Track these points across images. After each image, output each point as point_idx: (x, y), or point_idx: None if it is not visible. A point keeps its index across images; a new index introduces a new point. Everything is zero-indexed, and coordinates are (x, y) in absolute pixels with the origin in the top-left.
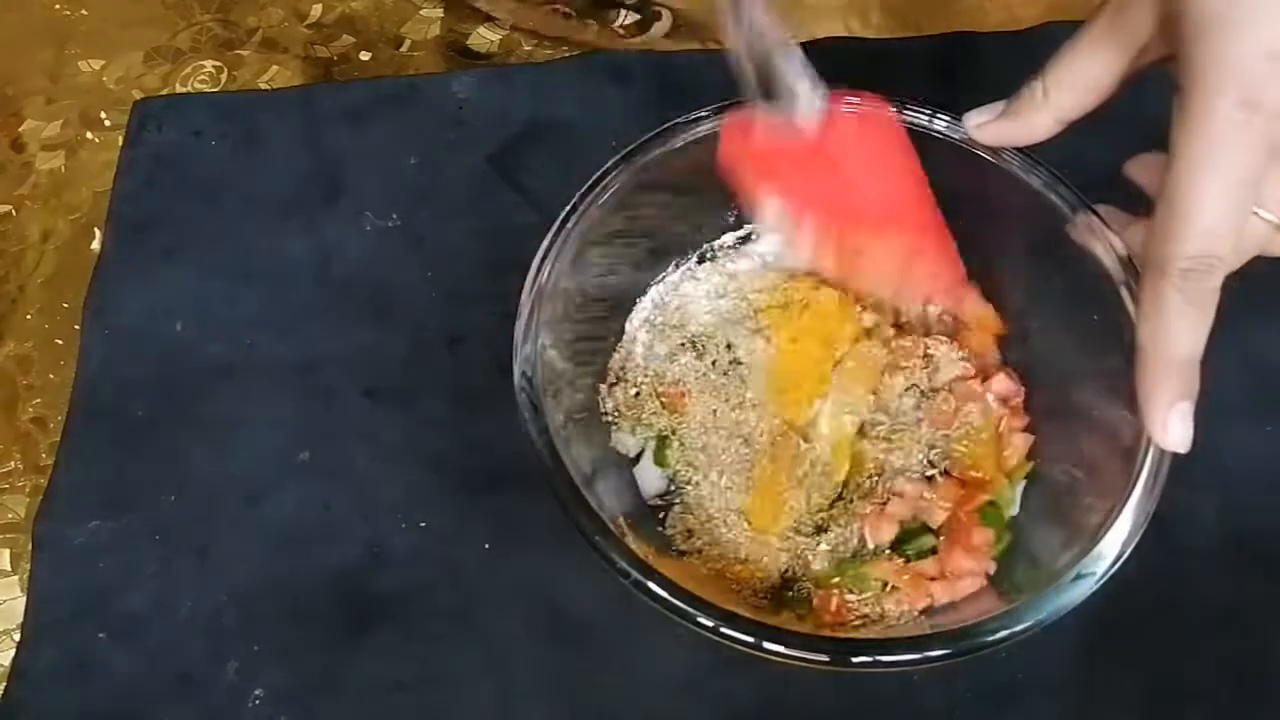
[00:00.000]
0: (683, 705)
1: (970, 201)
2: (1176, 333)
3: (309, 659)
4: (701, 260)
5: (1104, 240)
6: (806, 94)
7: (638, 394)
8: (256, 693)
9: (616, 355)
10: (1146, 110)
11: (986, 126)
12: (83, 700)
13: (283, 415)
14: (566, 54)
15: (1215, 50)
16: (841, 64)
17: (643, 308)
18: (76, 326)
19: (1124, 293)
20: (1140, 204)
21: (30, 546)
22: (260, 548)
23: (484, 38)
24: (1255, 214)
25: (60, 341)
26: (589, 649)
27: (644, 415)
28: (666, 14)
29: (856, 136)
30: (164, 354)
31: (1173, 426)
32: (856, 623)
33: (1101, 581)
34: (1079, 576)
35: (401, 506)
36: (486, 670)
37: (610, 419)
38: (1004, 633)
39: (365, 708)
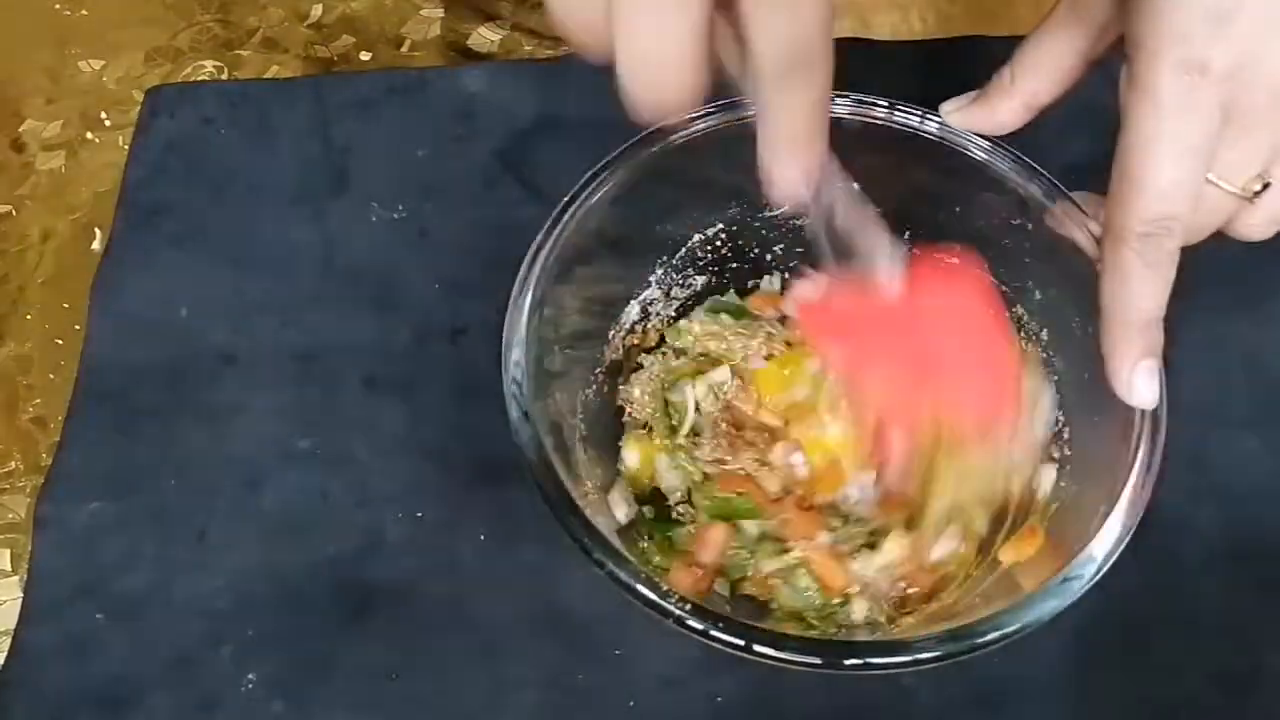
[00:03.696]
0: (673, 701)
1: (960, 202)
2: (1138, 295)
3: (303, 645)
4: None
5: (1082, 227)
6: (885, 259)
7: None
8: (250, 677)
9: (610, 348)
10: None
11: (959, 114)
12: (79, 680)
13: (284, 403)
14: (568, 53)
15: (1157, 15)
16: (846, 65)
17: (640, 302)
18: (77, 327)
19: None
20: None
21: (31, 527)
22: (258, 533)
23: (484, 38)
24: (1214, 185)
25: (60, 341)
26: (581, 642)
27: None
28: None
29: (937, 298)
30: (168, 339)
31: (1138, 384)
32: None
33: (1090, 584)
34: (1067, 579)
35: (399, 496)
36: (478, 660)
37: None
38: (994, 634)
39: (357, 695)
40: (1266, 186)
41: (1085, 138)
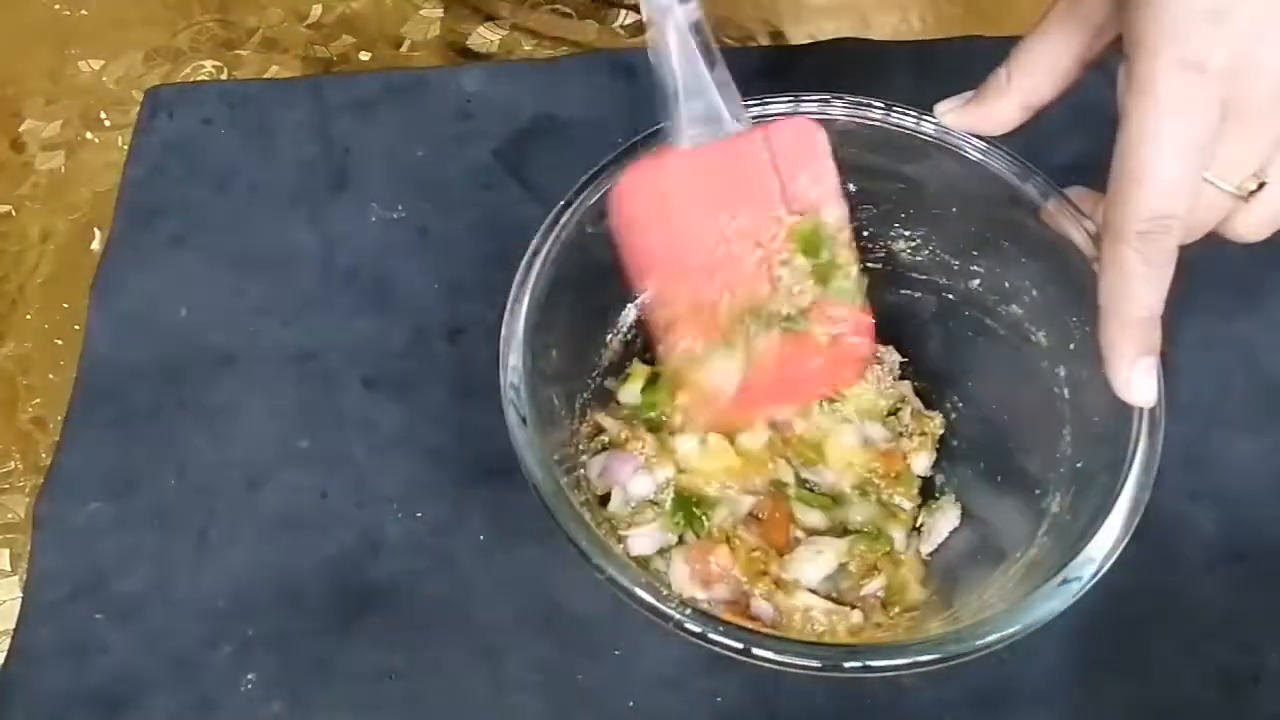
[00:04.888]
0: (673, 701)
1: (956, 202)
2: (1137, 293)
3: (302, 645)
4: None
5: (1078, 226)
6: (732, 110)
7: None
8: (249, 677)
9: (608, 351)
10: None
11: (954, 114)
12: (78, 680)
13: (283, 403)
14: (567, 54)
15: (1155, 13)
16: (844, 66)
17: (635, 305)
18: (77, 326)
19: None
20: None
21: (31, 527)
22: (257, 533)
23: (484, 37)
24: (1210, 183)
25: (60, 341)
26: (580, 642)
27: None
28: None
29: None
30: (168, 339)
31: (1137, 382)
32: None
33: (1088, 586)
34: (1066, 581)
35: (398, 496)
36: (478, 660)
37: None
38: (993, 637)
39: (356, 694)
40: (1262, 185)
41: (1083, 137)
